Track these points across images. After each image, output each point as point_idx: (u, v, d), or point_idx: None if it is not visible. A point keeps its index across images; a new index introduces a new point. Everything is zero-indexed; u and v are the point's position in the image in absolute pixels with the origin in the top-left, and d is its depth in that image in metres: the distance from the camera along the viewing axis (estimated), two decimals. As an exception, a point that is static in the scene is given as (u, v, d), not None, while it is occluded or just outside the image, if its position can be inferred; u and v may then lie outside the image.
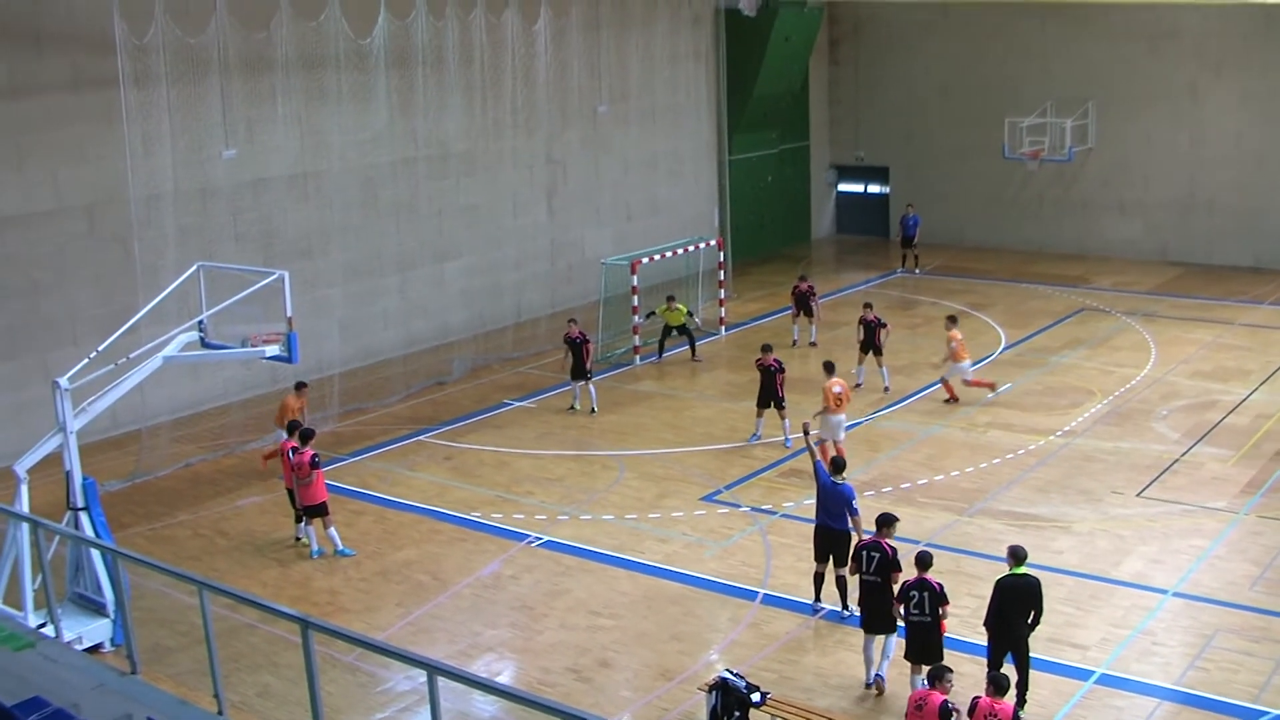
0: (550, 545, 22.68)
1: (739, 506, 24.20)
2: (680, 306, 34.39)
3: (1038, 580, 16.66)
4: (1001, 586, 16.64)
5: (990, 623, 16.72)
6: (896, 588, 17.06)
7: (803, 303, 35.32)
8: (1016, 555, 16.74)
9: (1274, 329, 36.08)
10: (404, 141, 34.31)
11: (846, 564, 19.23)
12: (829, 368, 26.75)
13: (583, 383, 30.32)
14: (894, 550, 17.54)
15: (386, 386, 32.17)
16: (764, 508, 24.06)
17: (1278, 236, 43.53)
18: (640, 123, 41.96)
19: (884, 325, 31.41)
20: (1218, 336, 35.65)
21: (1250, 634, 18.96)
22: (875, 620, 17.59)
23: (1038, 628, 16.74)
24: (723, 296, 37.21)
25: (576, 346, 30.04)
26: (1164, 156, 45.52)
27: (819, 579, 19.85)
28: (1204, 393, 30.39)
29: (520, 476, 26.15)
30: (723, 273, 37.54)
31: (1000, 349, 34.70)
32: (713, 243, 37.73)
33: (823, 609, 19.80)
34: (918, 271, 44.35)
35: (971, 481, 25.14)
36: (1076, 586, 20.50)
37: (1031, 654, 16.82)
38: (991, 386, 30.41)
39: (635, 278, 33.79)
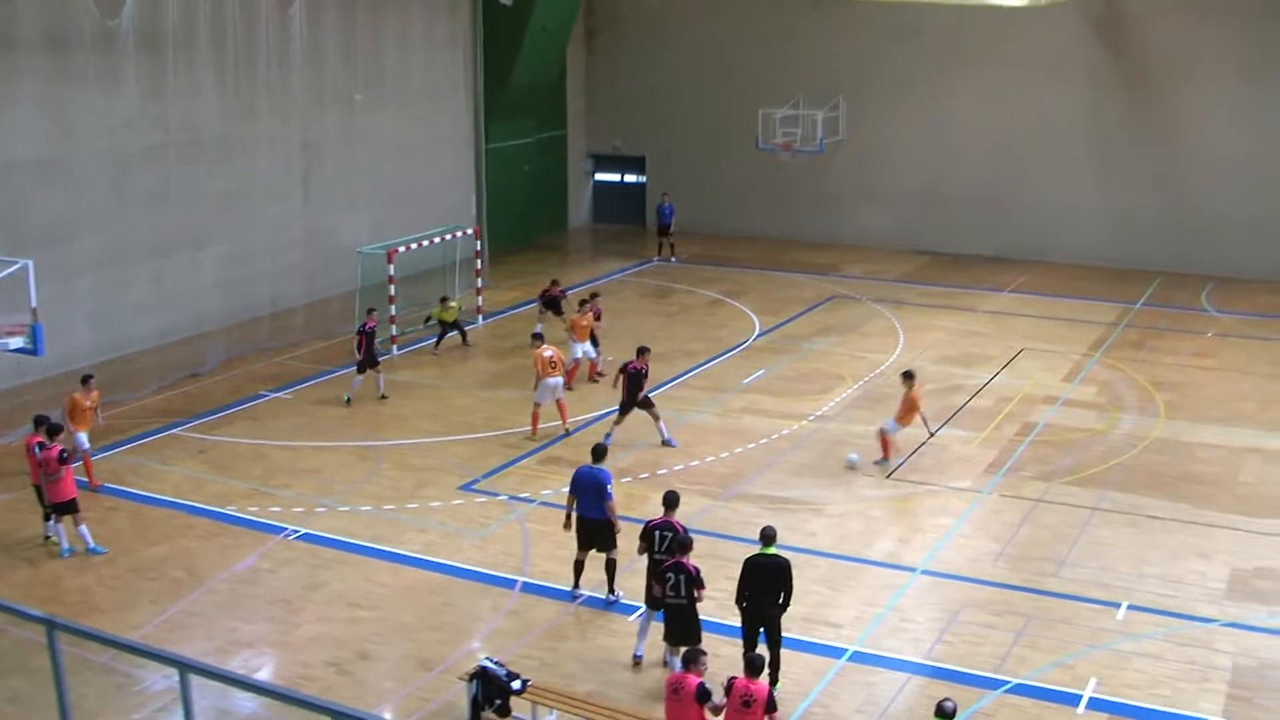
0: (307, 538, 22.41)
1: (497, 495, 24.26)
2: (454, 304, 34.58)
3: (787, 561, 17.09)
4: (751, 565, 17.02)
5: (741, 602, 17.11)
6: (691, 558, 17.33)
7: (552, 304, 35.24)
8: (766, 536, 17.17)
9: (1014, 315, 37.57)
10: (155, 126, 33.44)
11: (608, 550, 19.51)
12: (538, 338, 28.46)
13: (370, 372, 30.09)
14: (684, 529, 17.90)
15: (139, 378, 31.31)
16: (522, 496, 24.17)
17: (1018, 227, 45.31)
18: (397, 109, 41.64)
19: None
20: (962, 323, 36.96)
21: (993, 608, 19.78)
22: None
23: (789, 608, 17.18)
24: (479, 285, 37.19)
25: (370, 336, 29.96)
26: (911, 149, 47.02)
27: (579, 566, 20.07)
28: (949, 377, 31.48)
29: (277, 469, 25.78)
30: (480, 261, 37.51)
31: (754, 336, 35.38)
32: (470, 231, 37.69)
33: (582, 595, 20.02)
34: (674, 260, 44.93)
35: (727, 466, 25.63)
36: (830, 567, 21.09)
37: (786, 634, 17.28)
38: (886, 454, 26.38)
39: (392, 266, 33.51)
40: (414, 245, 35.14)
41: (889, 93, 47.08)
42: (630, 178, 52.56)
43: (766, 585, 16.93)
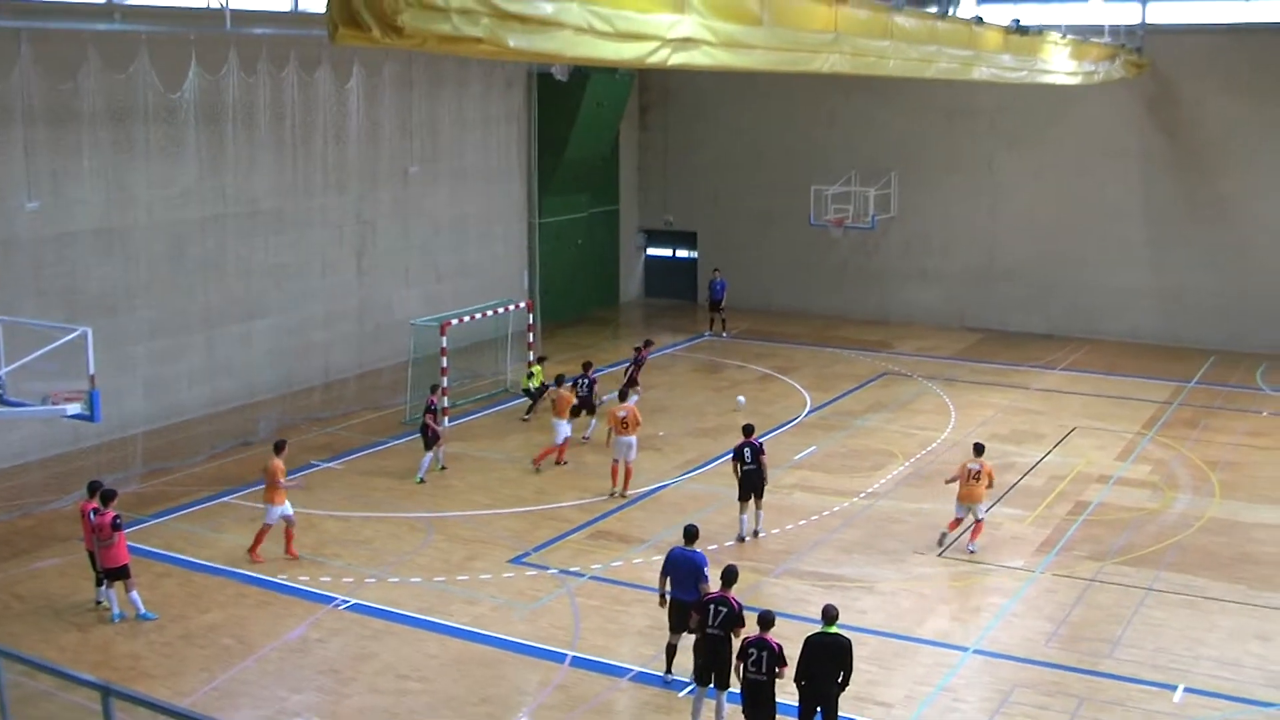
0: (357, 608, 22.44)
1: (547, 569, 24.23)
2: (536, 369, 35.06)
3: (848, 640, 16.96)
4: (811, 644, 16.92)
5: (800, 680, 16.99)
6: (737, 644, 17.28)
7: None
8: (828, 615, 17.06)
9: (1066, 393, 37.38)
10: (213, 198, 33.87)
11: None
12: (621, 394, 28.88)
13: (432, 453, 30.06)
14: (740, 605, 17.82)
15: (191, 446, 31.57)
16: (572, 570, 24.13)
17: (1069, 305, 45.17)
18: (451, 184, 42.00)
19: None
20: (1013, 400, 36.83)
21: (1045, 689, 19.60)
22: (708, 672, 17.80)
23: (847, 687, 17.04)
24: (531, 359, 37.31)
25: (436, 413, 30.15)
26: (962, 226, 47.09)
27: (671, 650, 19.74)
28: (1001, 455, 31.24)
29: (327, 539, 25.86)
30: (532, 335, 37.65)
31: (805, 412, 35.36)
32: (522, 305, 37.88)
33: (673, 679, 19.77)
34: (725, 335, 45.01)
35: (778, 543, 25.56)
36: (880, 645, 20.97)
37: (840, 713, 17.15)
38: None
39: (445, 339, 33.70)
40: (466, 318, 35.34)
41: (941, 170, 47.22)
42: (682, 253, 52.72)
43: (826, 664, 16.83)
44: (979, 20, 27.84)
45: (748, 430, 26.28)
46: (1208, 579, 24.06)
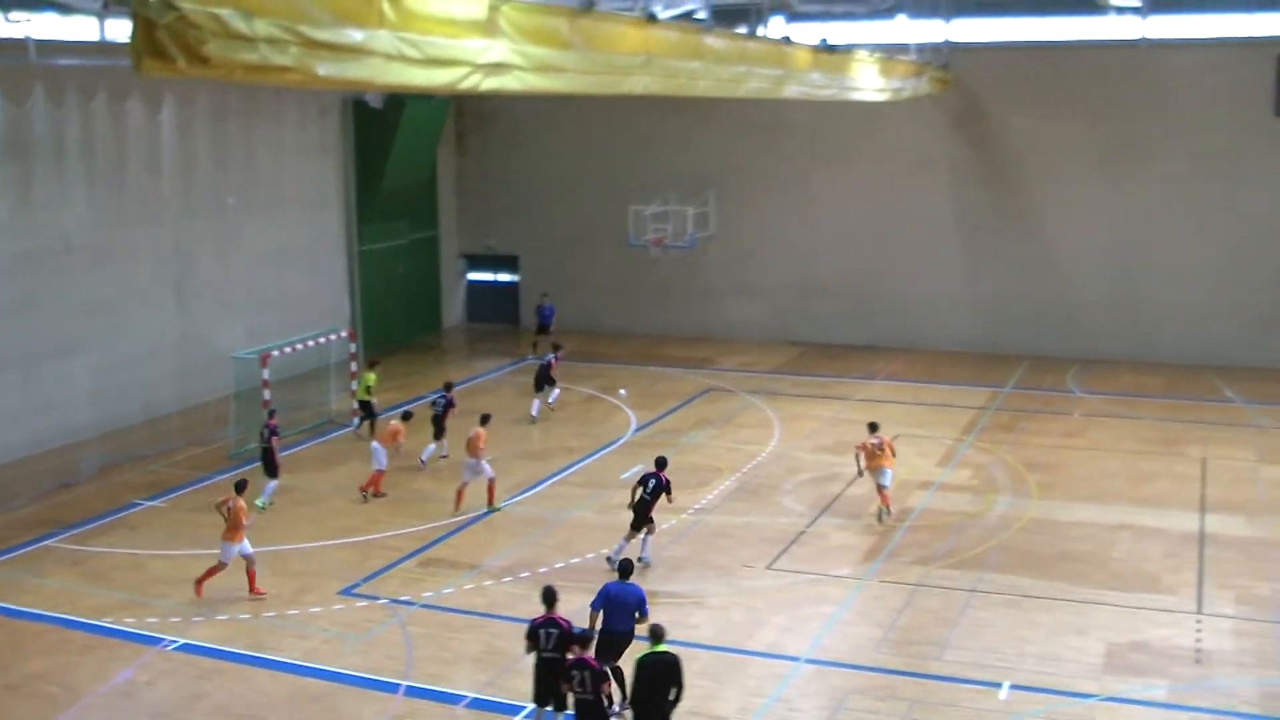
0: (186, 648, 22.03)
1: (378, 599, 24.03)
2: (369, 376, 34.94)
3: (677, 657, 17.05)
4: (642, 664, 17.00)
5: (635, 701, 17.11)
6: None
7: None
8: (655, 633, 17.17)
9: (887, 403, 38.08)
10: (24, 233, 33.07)
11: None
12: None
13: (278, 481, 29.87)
14: (569, 624, 17.88)
15: (9, 489, 30.70)
16: (403, 599, 23.96)
17: (887, 317, 46.11)
18: (270, 214, 41.57)
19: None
20: (836, 412, 37.45)
21: (877, 694, 19.96)
22: (545, 694, 17.89)
23: (679, 703, 17.12)
24: (354, 388, 36.99)
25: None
26: (781, 242, 47.81)
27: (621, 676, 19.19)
28: (826, 466, 31.83)
29: (154, 578, 25.33)
30: (354, 364, 37.34)
31: (631, 431, 35.56)
32: (344, 334, 37.60)
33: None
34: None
35: (607, 563, 25.65)
36: (713, 659, 21.15)
37: (676, 728, 17.27)
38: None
39: (266, 371, 33.32)
40: (288, 349, 34.98)
41: (758, 188, 47.92)
42: (504, 277, 52.70)
43: (658, 683, 16.92)
44: (788, 40, 28.38)
45: (660, 463, 25.84)
46: (1029, 578, 24.73)
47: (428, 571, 25.44)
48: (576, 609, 22.08)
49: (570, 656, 17.32)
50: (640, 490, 25.16)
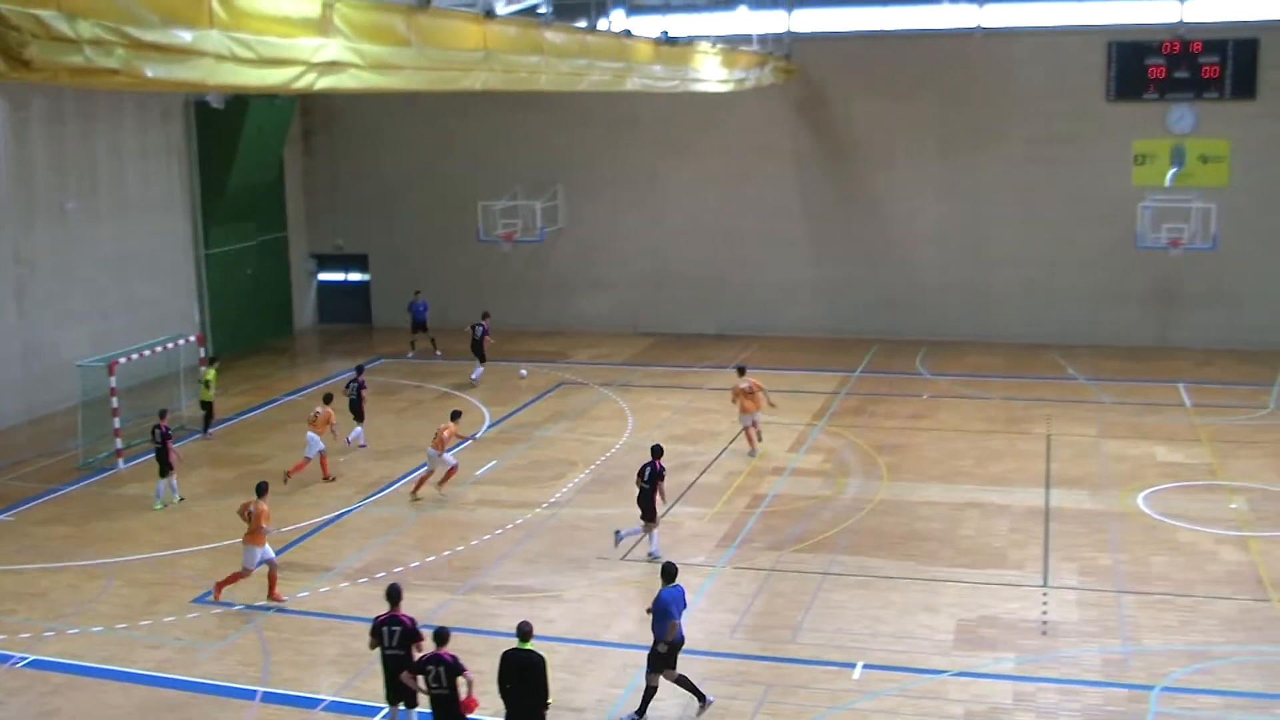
0: (36, 664, 21.53)
1: (233, 606, 23.77)
2: (210, 374, 34.75)
3: (541, 657, 17.08)
4: (505, 659, 17.09)
5: (503, 693, 17.15)
6: (424, 647, 17.43)
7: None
8: (521, 631, 17.22)
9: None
10: None
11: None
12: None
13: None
14: (413, 621, 17.85)
15: None
16: (258, 604, 23.72)
17: (738, 305, 46.55)
18: (113, 219, 40.84)
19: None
20: (688, 401, 37.75)
21: (733, 679, 20.17)
22: (396, 692, 17.86)
23: (548, 706, 17.19)
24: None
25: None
26: (630, 234, 48.07)
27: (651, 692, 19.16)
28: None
29: (2, 594, 24.85)
30: (203, 369, 36.83)
31: (485, 427, 35.50)
32: (193, 339, 37.09)
33: None
34: (438, 355, 44.71)
35: (463, 559, 25.62)
36: (571, 652, 21.20)
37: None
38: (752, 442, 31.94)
39: (114, 379, 32.75)
40: (135, 356, 34.42)
41: (606, 181, 48.12)
42: (355, 276, 52.30)
43: (521, 680, 16.99)
44: (629, 33, 28.46)
45: (655, 451, 26.08)
46: (880, 558, 25.16)
47: (282, 575, 25.01)
48: (433, 608, 22.16)
49: (420, 654, 17.36)
50: (639, 480, 25.55)
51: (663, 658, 18.82)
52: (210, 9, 12.93)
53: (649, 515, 25.42)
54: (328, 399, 32.31)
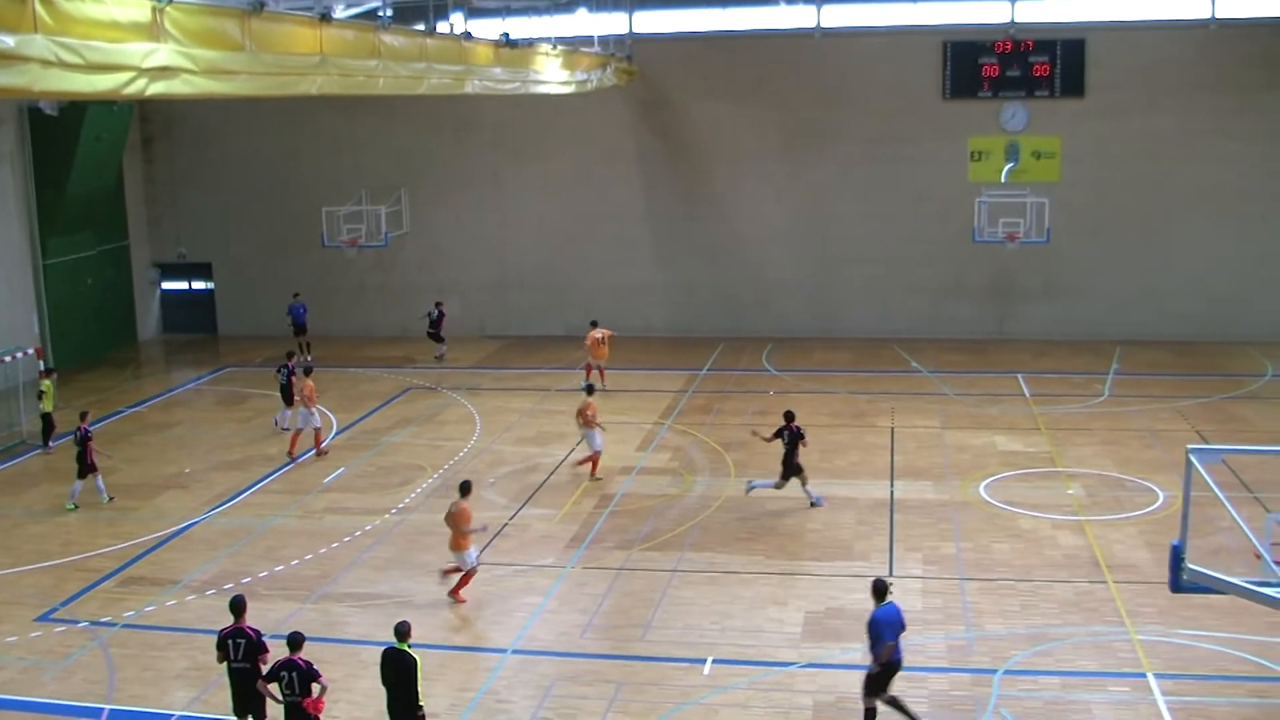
0: None
1: (77, 623, 23.28)
2: (47, 385, 34.13)
3: (414, 658, 17.20)
4: (384, 656, 17.33)
5: (385, 683, 17.33)
6: (270, 659, 17.35)
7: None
8: (398, 632, 17.36)
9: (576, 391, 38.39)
10: None
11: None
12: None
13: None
14: (257, 633, 17.75)
15: None
16: (104, 620, 23.28)
17: (584, 306, 46.47)
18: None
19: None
20: (537, 404, 37.78)
21: (584, 679, 20.29)
22: (243, 704, 17.75)
23: (419, 706, 17.27)
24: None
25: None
26: (475, 238, 48.11)
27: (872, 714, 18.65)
28: (527, 457, 32.12)
29: None
30: (43, 382, 36.09)
31: (332, 435, 35.17)
32: (31, 351, 36.34)
33: None
34: (309, 358, 44.17)
35: (312, 568, 25.39)
36: (423, 657, 21.11)
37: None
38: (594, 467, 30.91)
39: (-54, 394, 32.05)
40: (-30, 370, 33.71)
41: (450, 185, 48.02)
42: (199, 284, 51.55)
43: (395, 678, 17.19)
44: (468, 35, 28.48)
45: (789, 416, 28.39)
46: (728, 554, 25.42)
47: (128, 590, 24.78)
48: (283, 618, 22.00)
49: (266, 665, 17.29)
50: (781, 441, 28.02)
51: (877, 679, 18.29)
52: (34, 13, 12.75)
53: (789, 475, 27.80)
54: (308, 371, 33.16)
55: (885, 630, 18.09)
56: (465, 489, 24.04)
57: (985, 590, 23.38)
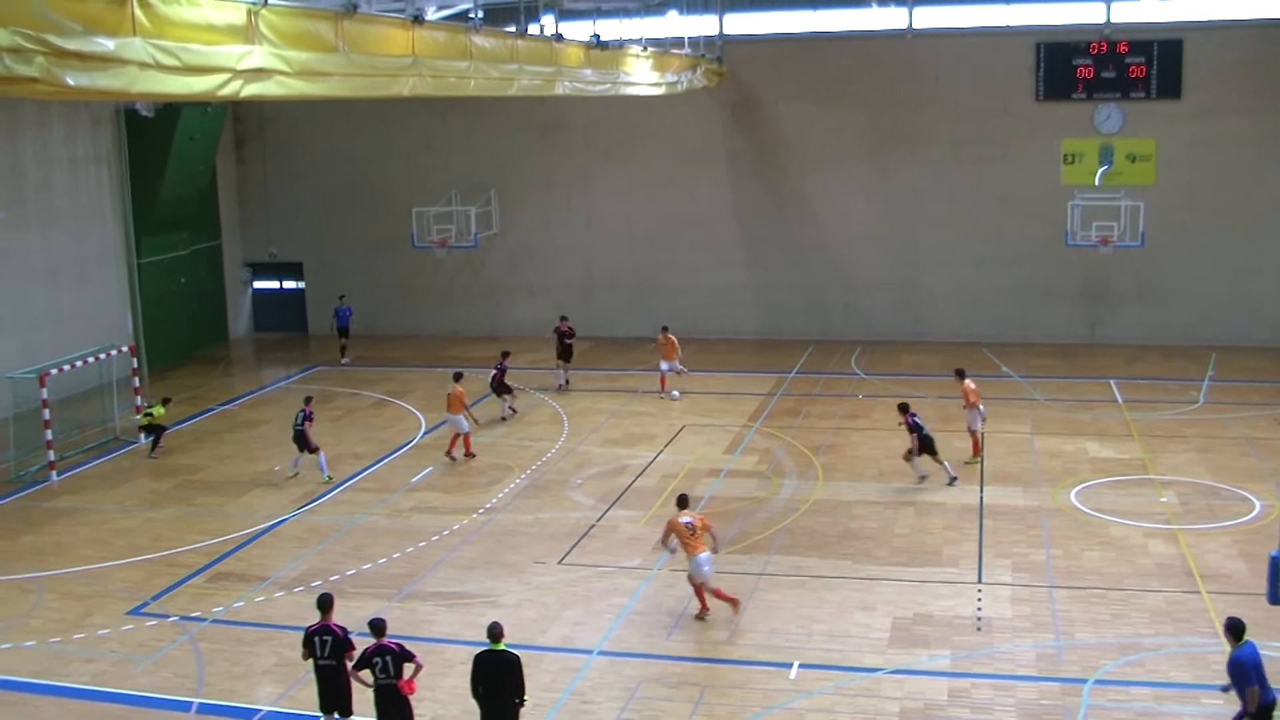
0: (-33, 680, 21.46)
1: (167, 617, 23.59)
2: (158, 409, 34.43)
3: (516, 656, 17.21)
4: (478, 661, 17.21)
5: (476, 696, 17.24)
6: (356, 655, 17.51)
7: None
8: (492, 633, 17.34)
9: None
10: None
11: None
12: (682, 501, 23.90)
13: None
14: (344, 630, 17.91)
15: None
16: (193, 615, 23.55)
17: (672, 308, 46.44)
18: (42, 228, 40.40)
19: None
20: (623, 404, 37.79)
21: (670, 681, 20.23)
22: (330, 701, 17.89)
23: (524, 704, 17.27)
24: (139, 404, 36.11)
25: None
26: (563, 239, 48.20)
27: None
28: (614, 459, 32.11)
29: (-67, 609, 24.58)
30: (137, 379, 36.55)
31: (420, 434, 35.41)
32: (125, 349, 36.81)
33: None
34: (345, 361, 44.65)
35: (399, 566, 25.54)
36: (509, 657, 21.25)
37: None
38: (976, 452, 31.77)
39: (45, 390, 32.42)
40: (66, 366, 34.14)
41: (539, 185, 48.16)
42: (289, 284, 52.05)
43: (498, 681, 17.08)
44: (559, 37, 28.52)
45: (903, 408, 29.97)
46: (816, 558, 25.28)
47: (217, 586, 25.04)
48: (369, 615, 21.99)
49: (350, 661, 17.43)
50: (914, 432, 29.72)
51: None
52: (133, 17, 12.90)
53: (927, 451, 29.83)
54: (458, 377, 33.15)
55: (1251, 671, 16.64)
56: (682, 502, 23.48)
57: (1076, 598, 23.08)
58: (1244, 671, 16.58)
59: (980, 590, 23.52)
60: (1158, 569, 24.36)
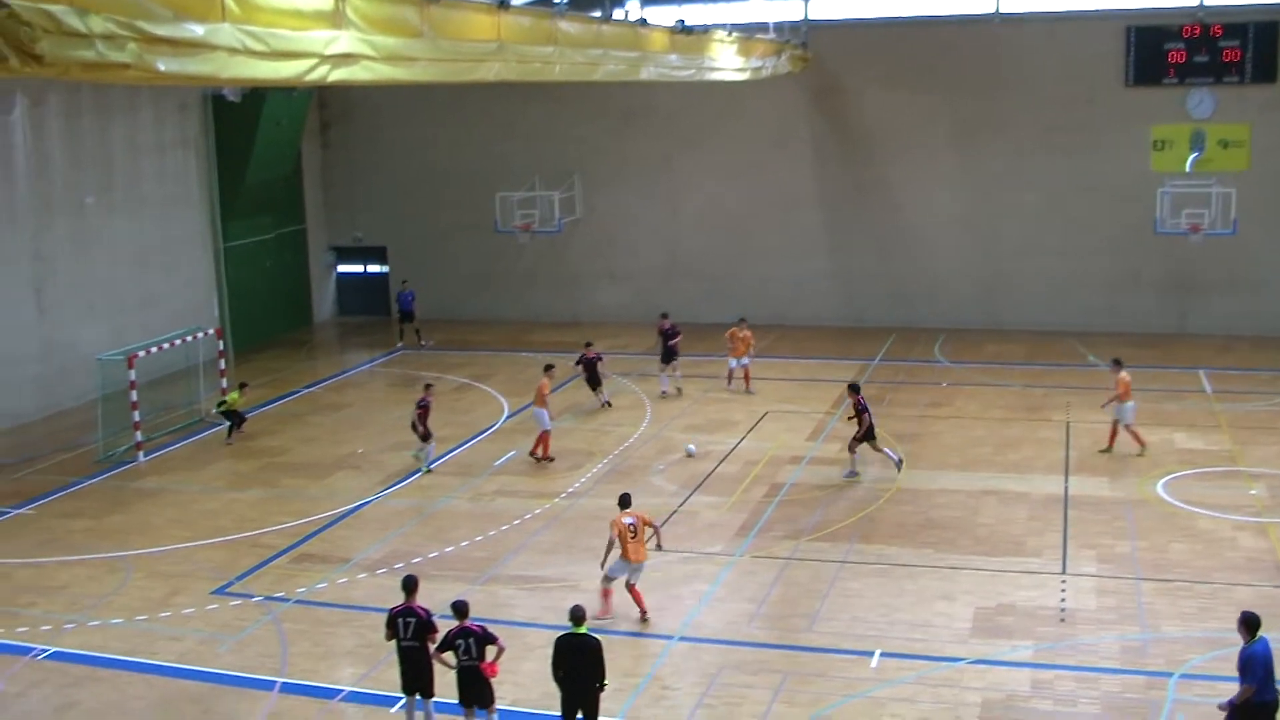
0: (57, 656, 21.63)
1: (251, 597, 23.83)
2: (233, 396, 34.67)
3: (598, 641, 17.27)
4: (560, 645, 17.27)
5: (557, 679, 17.30)
6: (439, 638, 17.61)
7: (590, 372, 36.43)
8: (575, 616, 17.41)
9: (756, 379, 38.14)
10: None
11: None
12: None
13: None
14: (427, 612, 18.01)
15: None
16: (277, 596, 23.77)
17: (754, 295, 46.38)
18: (131, 213, 40.90)
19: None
20: (706, 390, 37.73)
21: (750, 668, 20.19)
22: (412, 682, 17.98)
23: (605, 688, 17.31)
24: (224, 386, 36.45)
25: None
26: (646, 224, 48.10)
27: None
28: (697, 445, 32.02)
29: (21, 587, 24.82)
30: (223, 362, 36.94)
31: (503, 418, 35.56)
32: (211, 332, 37.19)
33: None
34: (425, 344, 44.88)
35: (481, 550, 25.67)
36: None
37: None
38: (1141, 444, 31.06)
39: (133, 372, 32.84)
40: (154, 349, 34.56)
41: (623, 171, 48.14)
42: (373, 268, 52.37)
43: (578, 664, 17.14)
44: (643, 22, 28.47)
45: (854, 388, 30.10)
46: (897, 547, 25.16)
47: (300, 567, 25.27)
48: (451, 598, 22.11)
49: (433, 644, 17.53)
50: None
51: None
52: (222, 3, 13.01)
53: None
54: (548, 369, 32.83)
55: (1260, 668, 16.34)
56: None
57: (1161, 591, 22.81)
58: (1252, 668, 16.42)
59: (1064, 581, 23.29)
60: (1247, 562, 24.02)
